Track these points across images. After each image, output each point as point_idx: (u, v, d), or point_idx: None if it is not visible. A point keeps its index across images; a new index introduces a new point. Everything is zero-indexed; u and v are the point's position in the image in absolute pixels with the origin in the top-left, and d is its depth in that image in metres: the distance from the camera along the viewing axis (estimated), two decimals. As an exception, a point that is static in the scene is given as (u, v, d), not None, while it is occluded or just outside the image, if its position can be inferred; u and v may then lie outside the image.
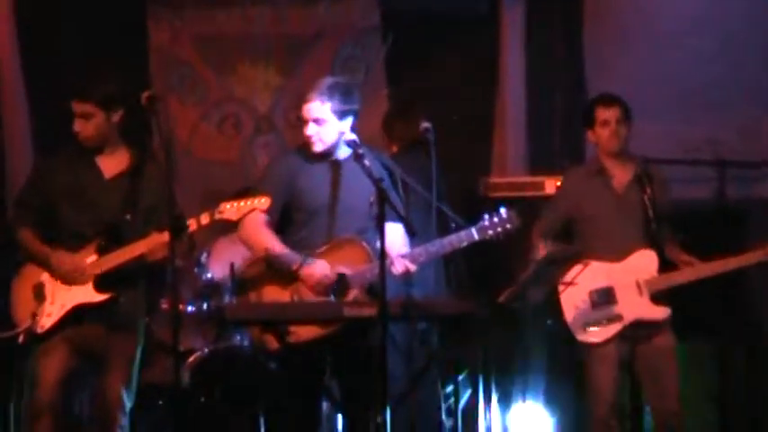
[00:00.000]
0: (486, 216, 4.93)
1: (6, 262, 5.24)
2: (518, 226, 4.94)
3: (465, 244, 4.91)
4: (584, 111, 5.47)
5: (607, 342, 5.28)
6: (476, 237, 4.91)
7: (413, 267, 4.87)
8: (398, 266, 4.86)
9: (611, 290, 5.29)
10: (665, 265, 5.37)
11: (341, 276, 4.88)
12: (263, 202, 4.80)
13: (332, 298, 4.81)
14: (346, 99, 4.91)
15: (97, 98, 4.92)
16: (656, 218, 5.24)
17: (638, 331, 5.29)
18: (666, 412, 5.32)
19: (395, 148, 6.06)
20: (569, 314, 5.30)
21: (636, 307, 5.27)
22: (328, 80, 4.96)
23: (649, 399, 5.46)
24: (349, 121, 4.92)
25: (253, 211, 4.81)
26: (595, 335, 5.27)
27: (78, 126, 4.98)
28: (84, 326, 5.01)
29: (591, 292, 5.26)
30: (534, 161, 7.28)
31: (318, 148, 4.92)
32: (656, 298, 5.27)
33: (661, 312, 5.27)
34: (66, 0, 7.06)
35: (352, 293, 4.85)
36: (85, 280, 4.95)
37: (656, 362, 5.33)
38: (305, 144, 4.99)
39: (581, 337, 5.29)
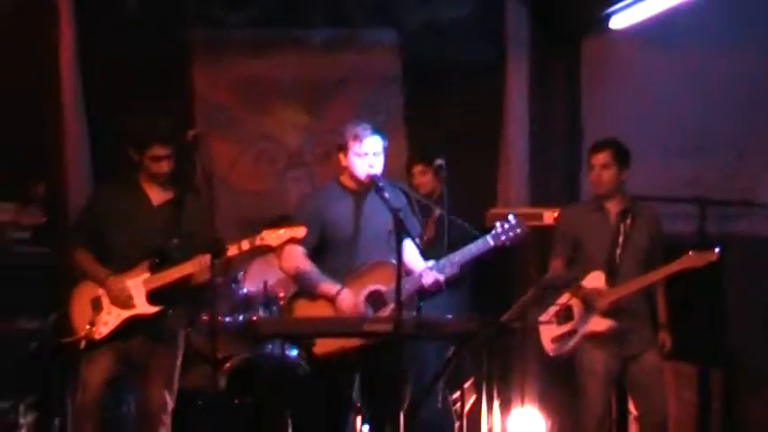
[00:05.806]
0: (498, 224, 5.12)
1: (63, 279, 5.40)
2: (526, 231, 5.10)
3: (483, 251, 5.06)
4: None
5: (596, 359, 5.41)
6: (491, 243, 5.07)
7: (441, 278, 4.97)
8: (428, 278, 4.98)
9: (571, 308, 5.43)
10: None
11: (376, 293, 4.94)
12: (299, 231, 4.91)
13: (370, 313, 4.90)
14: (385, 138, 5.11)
15: (173, 141, 5.16)
16: (641, 249, 5.42)
17: (626, 349, 5.42)
18: (653, 425, 5.43)
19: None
20: (543, 332, 5.51)
21: (588, 322, 5.39)
22: (366, 122, 5.13)
23: (638, 411, 5.55)
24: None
25: (291, 240, 4.91)
26: (557, 348, 5.46)
27: (165, 166, 5.16)
28: (131, 336, 5.18)
29: (557, 311, 5.41)
30: (535, 199, 7.31)
31: (377, 175, 4.99)
32: (607, 313, 5.34)
33: (605, 324, 5.35)
34: (126, 49, 7.13)
35: (389, 308, 4.93)
36: (133, 300, 5.10)
37: (645, 378, 5.44)
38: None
39: (549, 351, 5.48)
